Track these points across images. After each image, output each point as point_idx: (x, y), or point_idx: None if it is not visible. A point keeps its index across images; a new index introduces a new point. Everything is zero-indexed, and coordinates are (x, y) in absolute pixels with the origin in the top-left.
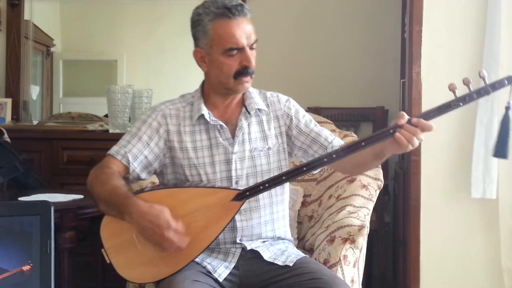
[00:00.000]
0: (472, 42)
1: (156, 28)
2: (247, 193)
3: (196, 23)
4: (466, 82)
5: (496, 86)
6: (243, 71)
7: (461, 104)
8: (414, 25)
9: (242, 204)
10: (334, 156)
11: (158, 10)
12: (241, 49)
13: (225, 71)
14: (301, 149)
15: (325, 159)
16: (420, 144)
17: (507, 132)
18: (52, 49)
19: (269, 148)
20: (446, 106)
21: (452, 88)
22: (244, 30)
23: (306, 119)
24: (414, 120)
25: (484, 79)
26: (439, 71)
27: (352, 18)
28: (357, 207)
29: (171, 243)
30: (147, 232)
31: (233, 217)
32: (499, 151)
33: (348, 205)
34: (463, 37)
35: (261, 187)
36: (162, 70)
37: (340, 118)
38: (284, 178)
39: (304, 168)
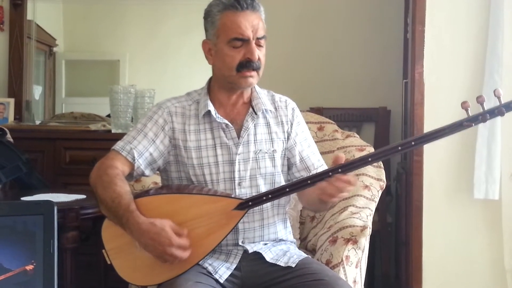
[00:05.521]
0: (475, 42)
1: (159, 28)
2: (250, 203)
3: (207, 14)
4: (480, 101)
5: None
6: (245, 64)
7: (473, 124)
8: (417, 25)
9: (245, 213)
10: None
11: (161, 11)
12: (246, 42)
13: (228, 62)
14: (285, 165)
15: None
16: None
17: None
18: (54, 49)
19: (274, 151)
20: (457, 125)
21: (465, 107)
22: (251, 23)
23: (305, 135)
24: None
25: (499, 99)
26: (441, 72)
27: (355, 18)
28: (360, 207)
29: (174, 258)
30: (148, 248)
31: (235, 226)
32: None
33: (350, 205)
34: (466, 37)
35: (264, 198)
36: (164, 70)
37: (343, 118)
38: (287, 190)
39: (309, 181)
